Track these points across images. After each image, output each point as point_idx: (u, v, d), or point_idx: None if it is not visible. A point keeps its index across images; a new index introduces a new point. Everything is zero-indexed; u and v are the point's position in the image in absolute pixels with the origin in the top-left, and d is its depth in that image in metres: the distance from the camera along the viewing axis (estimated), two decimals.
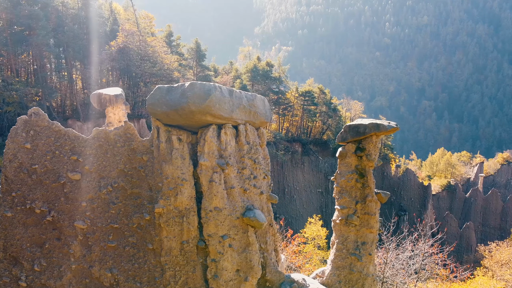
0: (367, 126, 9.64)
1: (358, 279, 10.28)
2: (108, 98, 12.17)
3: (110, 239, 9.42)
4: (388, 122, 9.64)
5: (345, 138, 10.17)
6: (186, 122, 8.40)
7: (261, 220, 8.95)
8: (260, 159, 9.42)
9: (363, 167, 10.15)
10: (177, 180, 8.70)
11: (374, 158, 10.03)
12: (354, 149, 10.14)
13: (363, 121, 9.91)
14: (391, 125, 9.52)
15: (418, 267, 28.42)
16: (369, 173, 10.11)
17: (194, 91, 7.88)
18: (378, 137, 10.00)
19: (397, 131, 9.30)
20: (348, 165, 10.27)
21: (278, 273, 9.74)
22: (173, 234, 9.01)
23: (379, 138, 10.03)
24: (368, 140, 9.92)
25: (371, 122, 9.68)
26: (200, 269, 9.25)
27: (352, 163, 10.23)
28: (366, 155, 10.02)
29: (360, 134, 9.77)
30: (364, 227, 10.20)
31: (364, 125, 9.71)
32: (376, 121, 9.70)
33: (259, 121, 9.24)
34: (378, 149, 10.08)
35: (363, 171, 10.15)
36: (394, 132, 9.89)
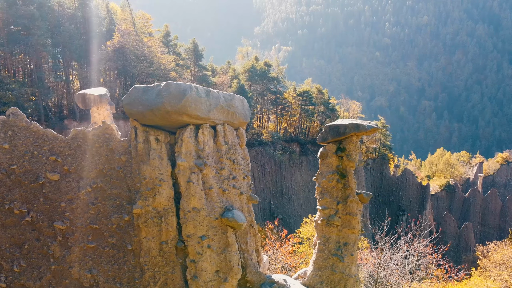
0: (347, 126, 9.61)
1: (340, 280, 10.24)
2: (93, 98, 12.15)
3: (90, 240, 9.39)
4: (369, 122, 9.61)
5: (325, 138, 10.14)
6: (163, 122, 8.37)
7: (240, 220, 8.92)
8: (240, 159, 9.38)
9: (344, 168, 10.11)
10: (155, 181, 8.68)
11: (355, 158, 9.99)
12: (335, 150, 10.10)
13: (343, 121, 9.87)
14: (371, 125, 9.49)
15: (413, 267, 28.40)
16: (350, 174, 10.07)
17: (169, 91, 7.84)
18: (358, 137, 9.96)
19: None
20: (329, 166, 10.23)
21: (258, 274, 9.71)
22: (151, 234, 8.98)
23: (359, 139, 9.99)
24: (348, 140, 9.88)
25: (351, 122, 9.65)
26: (179, 269, 9.22)
27: (333, 164, 10.19)
28: (347, 156, 9.98)
29: (340, 134, 9.74)
30: (345, 227, 10.17)
31: (344, 125, 9.67)
32: (356, 121, 9.66)
33: (238, 121, 9.21)
34: (358, 149, 10.04)
35: (344, 171, 10.11)
36: (374, 132, 9.85)
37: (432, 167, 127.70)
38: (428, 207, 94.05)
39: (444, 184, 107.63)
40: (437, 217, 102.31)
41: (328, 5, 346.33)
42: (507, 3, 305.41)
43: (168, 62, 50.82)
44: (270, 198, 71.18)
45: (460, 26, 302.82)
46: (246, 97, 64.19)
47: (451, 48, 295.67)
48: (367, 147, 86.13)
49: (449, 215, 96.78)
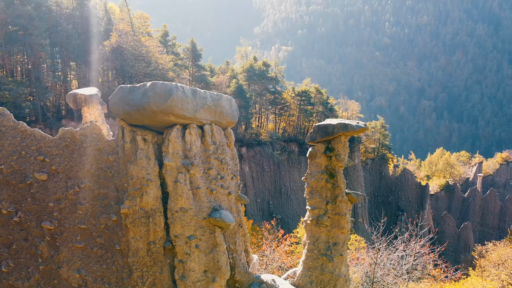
0: (335, 126, 9.58)
1: (330, 280, 10.21)
2: (84, 98, 12.13)
3: (78, 240, 9.37)
4: (357, 122, 9.59)
5: (314, 138, 10.12)
6: (149, 122, 8.36)
7: (227, 220, 8.90)
8: (228, 159, 9.36)
9: (333, 167, 10.09)
10: (142, 181, 8.66)
11: (344, 158, 9.97)
12: (324, 149, 10.08)
13: (331, 121, 9.85)
14: (360, 125, 9.47)
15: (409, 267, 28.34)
16: (339, 173, 10.05)
17: (155, 91, 7.83)
18: (347, 137, 9.93)
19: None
20: (318, 165, 10.21)
21: (247, 274, 9.69)
22: (139, 234, 8.97)
23: (348, 138, 9.97)
24: (337, 140, 9.85)
25: (339, 122, 9.63)
26: (167, 269, 9.20)
27: (322, 163, 10.17)
28: (335, 155, 9.95)
29: (329, 134, 9.71)
30: (335, 227, 10.14)
31: (332, 125, 9.65)
32: (344, 121, 9.64)
33: (226, 121, 9.19)
34: (347, 149, 10.02)
35: (333, 171, 10.08)
36: (363, 132, 9.83)
37: (431, 167, 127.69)
38: (427, 207, 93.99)
39: (444, 184, 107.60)
40: (436, 217, 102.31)
41: (328, 5, 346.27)
42: (507, 3, 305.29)
43: (166, 62, 50.79)
44: (269, 198, 71.17)
45: (460, 26, 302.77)
46: (245, 97, 64.21)
47: (451, 48, 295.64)
48: (366, 147, 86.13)
49: (448, 215, 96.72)
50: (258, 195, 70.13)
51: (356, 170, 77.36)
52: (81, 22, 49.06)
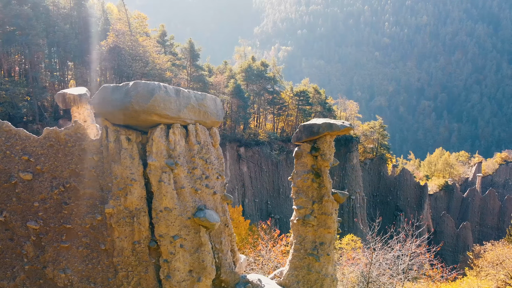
0: (321, 125, 9.58)
1: (317, 280, 10.21)
2: (72, 97, 12.13)
3: (63, 240, 9.36)
4: (342, 122, 9.59)
5: (300, 137, 10.12)
6: (133, 122, 8.35)
7: (212, 220, 8.90)
8: (213, 159, 9.36)
9: (318, 167, 10.09)
10: (126, 180, 8.66)
11: (329, 158, 9.96)
12: (309, 149, 10.08)
13: (317, 120, 9.85)
14: (345, 125, 9.46)
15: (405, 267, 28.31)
16: (325, 173, 10.05)
17: (137, 90, 7.82)
18: (332, 137, 9.93)
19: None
20: (304, 165, 10.21)
21: (233, 274, 9.69)
22: (124, 234, 8.96)
23: (333, 138, 9.97)
24: (322, 140, 9.85)
25: (324, 121, 9.62)
26: (152, 269, 9.20)
27: (307, 163, 10.17)
28: (321, 155, 9.95)
29: (314, 134, 9.71)
30: (321, 227, 10.14)
31: (317, 125, 9.64)
32: (329, 120, 9.64)
33: (211, 120, 9.19)
34: (332, 148, 10.01)
35: (319, 171, 10.08)
36: (348, 132, 9.83)
37: (431, 167, 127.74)
38: (426, 207, 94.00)
39: (443, 184, 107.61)
40: (435, 217, 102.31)
41: (328, 5, 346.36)
42: (507, 3, 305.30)
43: (163, 62, 50.80)
44: (267, 198, 71.20)
45: (460, 26, 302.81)
46: (243, 97, 64.25)
47: (450, 48, 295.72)
48: (365, 147, 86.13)
49: (447, 215, 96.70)
50: (256, 195, 70.18)
51: (354, 170, 77.35)
52: (78, 22, 49.11)
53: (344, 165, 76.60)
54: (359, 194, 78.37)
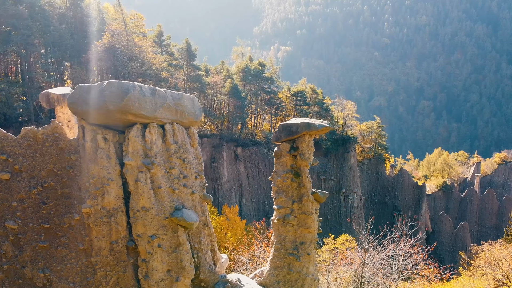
0: (299, 125, 9.57)
1: (298, 279, 10.20)
2: (56, 97, 12.12)
3: (42, 239, 9.36)
4: (321, 121, 9.58)
5: (279, 137, 10.11)
6: (108, 121, 8.34)
7: (189, 220, 8.88)
8: (191, 158, 9.34)
9: (298, 167, 10.08)
10: (103, 180, 8.64)
11: (308, 157, 9.95)
12: (289, 149, 10.07)
13: (296, 120, 9.84)
14: (323, 124, 9.45)
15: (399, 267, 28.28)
16: (304, 173, 10.03)
17: (111, 90, 7.81)
18: (311, 136, 9.91)
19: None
20: (283, 165, 10.20)
21: (212, 273, 9.68)
22: (102, 234, 8.95)
23: (312, 138, 9.95)
24: (300, 139, 9.84)
25: (302, 121, 9.61)
26: (131, 269, 9.18)
27: (287, 163, 10.16)
28: (300, 155, 9.94)
29: (292, 134, 9.70)
30: (301, 227, 10.12)
31: (296, 125, 9.64)
32: (307, 120, 9.63)
33: (188, 120, 9.17)
34: (311, 148, 10.00)
35: (298, 170, 10.07)
36: (326, 131, 9.82)
37: (429, 167, 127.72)
38: (424, 207, 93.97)
39: (441, 184, 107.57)
40: (433, 217, 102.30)
41: (327, 5, 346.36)
42: (506, 3, 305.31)
43: (160, 62, 50.76)
44: (264, 198, 71.12)
45: (459, 26, 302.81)
46: (240, 97, 64.25)
47: (449, 48, 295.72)
48: (363, 147, 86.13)
49: (445, 215, 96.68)
50: (253, 195, 70.13)
51: (352, 170, 77.36)
52: (74, 22, 49.10)
53: (342, 165, 76.62)
54: (357, 194, 78.38)
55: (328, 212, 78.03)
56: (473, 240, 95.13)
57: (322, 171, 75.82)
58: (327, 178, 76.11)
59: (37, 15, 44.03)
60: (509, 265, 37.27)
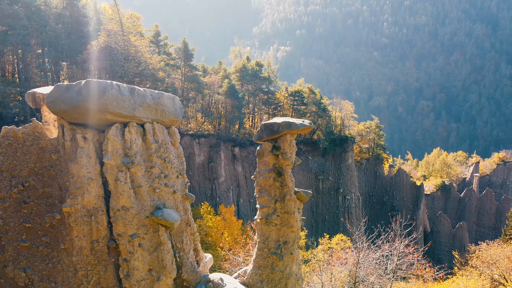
0: (280, 124, 9.57)
1: (281, 279, 10.19)
2: (42, 97, 12.08)
3: (23, 239, 9.34)
4: (303, 120, 9.58)
5: (261, 136, 10.11)
6: (87, 120, 8.33)
7: (170, 219, 8.88)
8: (172, 158, 9.33)
9: (280, 166, 10.07)
10: (83, 179, 8.63)
11: (290, 157, 9.94)
12: (271, 148, 10.07)
13: (277, 119, 9.84)
14: (304, 124, 9.45)
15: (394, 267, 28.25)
16: (286, 172, 10.02)
17: (89, 89, 7.81)
18: (293, 135, 9.91)
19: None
20: (266, 164, 10.19)
21: (194, 273, 9.67)
22: (82, 233, 8.94)
23: (293, 137, 9.95)
24: (282, 138, 9.84)
25: (284, 120, 9.61)
26: (112, 268, 9.18)
27: (269, 162, 10.15)
28: (282, 154, 9.94)
29: (274, 133, 9.70)
30: (284, 226, 10.12)
31: (277, 124, 9.64)
32: (288, 119, 9.63)
33: (169, 119, 9.17)
34: (293, 147, 10.00)
35: (281, 169, 10.06)
36: (308, 131, 9.81)
37: (428, 167, 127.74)
38: (422, 207, 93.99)
39: (440, 184, 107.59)
40: (432, 217, 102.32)
41: (327, 5, 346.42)
42: (505, 3, 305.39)
43: (156, 62, 50.75)
44: None
45: (458, 26, 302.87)
46: (237, 97, 64.26)
47: (449, 48, 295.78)
48: (361, 147, 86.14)
49: (444, 215, 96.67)
50: (251, 195, 70.09)
51: (349, 170, 77.37)
52: (71, 22, 49.08)
53: (340, 165, 76.63)
54: (354, 194, 78.38)
55: (326, 212, 78.06)
56: (471, 240, 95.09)
57: (319, 171, 75.82)
58: (325, 178, 76.12)
59: (33, 15, 44.02)
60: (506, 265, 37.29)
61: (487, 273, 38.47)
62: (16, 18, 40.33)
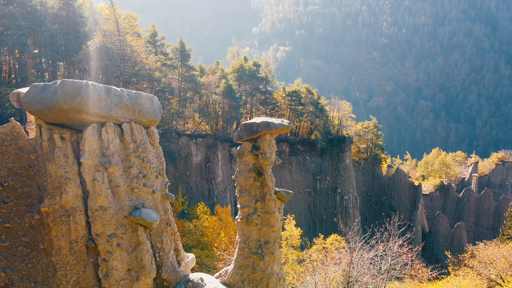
0: (259, 124, 9.58)
1: (262, 279, 10.19)
2: None
3: (3, 239, 9.34)
4: (281, 120, 9.59)
5: (241, 136, 10.11)
6: (64, 120, 8.34)
7: (149, 219, 8.88)
8: (151, 157, 9.34)
9: (260, 166, 10.08)
10: (61, 179, 8.64)
11: (270, 156, 9.94)
12: (251, 148, 10.07)
13: (256, 119, 9.85)
14: (283, 124, 9.46)
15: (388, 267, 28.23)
16: (266, 172, 10.02)
17: (64, 88, 7.81)
18: (272, 135, 9.91)
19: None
20: (246, 164, 10.20)
21: (174, 273, 9.67)
22: (61, 233, 8.95)
23: (273, 137, 9.95)
24: (261, 138, 9.84)
25: (263, 120, 9.61)
26: (91, 268, 9.18)
27: (249, 162, 10.16)
28: (261, 154, 9.94)
29: (253, 133, 9.70)
30: (265, 226, 10.12)
31: (256, 124, 9.64)
32: (267, 119, 9.63)
33: (147, 119, 9.17)
34: (273, 147, 10.00)
35: (261, 169, 10.07)
36: (286, 131, 9.82)
37: (427, 167, 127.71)
38: (420, 207, 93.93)
39: (438, 184, 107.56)
40: (430, 217, 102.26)
41: (326, 5, 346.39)
42: (504, 3, 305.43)
43: (152, 62, 50.73)
44: None
45: (458, 27, 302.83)
46: (234, 97, 64.25)
47: (448, 48, 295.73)
48: (359, 147, 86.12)
49: (442, 215, 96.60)
50: None
51: (347, 170, 77.31)
52: (67, 22, 49.07)
53: (337, 165, 76.59)
54: (352, 194, 78.34)
55: (324, 212, 78.02)
56: (470, 240, 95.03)
57: (317, 171, 75.82)
58: (323, 178, 76.11)
59: (28, 15, 44.00)
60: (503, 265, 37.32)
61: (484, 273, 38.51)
62: (11, 18, 40.30)
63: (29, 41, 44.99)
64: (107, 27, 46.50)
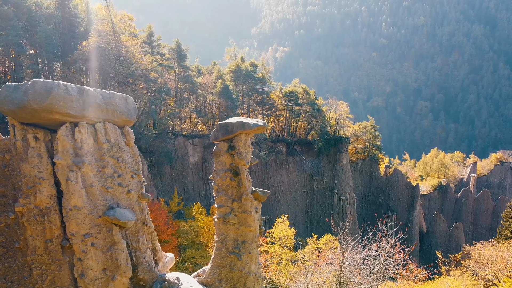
0: (234, 124, 9.62)
1: (240, 278, 10.23)
2: None
3: None
4: (257, 120, 9.62)
5: (217, 136, 10.15)
6: (36, 120, 8.37)
7: (123, 218, 8.91)
8: (126, 157, 9.36)
9: (236, 166, 10.12)
10: (35, 179, 8.68)
11: (245, 156, 9.98)
12: (227, 148, 10.11)
13: (232, 119, 9.89)
14: (258, 124, 9.50)
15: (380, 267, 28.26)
16: (242, 172, 10.06)
17: (35, 89, 7.85)
18: (248, 135, 9.95)
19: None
20: (223, 164, 10.23)
21: (151, 272, 9.71)
22: (36, 233, 8.98)
23: (248, 137, 9.99)
24: (237, 138, 9.88)
25: (238, 120, 9.65)
26: (67, 267, 9.21)
27: (226, 162, 10.19)
28: (237, 154, 9.98)
29: (229, 133, 9.74)
30: (242, 225, 10.16)
31: (232, 124, 9.68)
32: (242, 119, 9.67)
33: (121, 119, 9.20)
34: (248, 147, 10.04)
35: (237, 169, 10.11)
36: (262, 131, 9.86)
37: (426, 168, 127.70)
38: (417, 207, 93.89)
39: (436, 184, 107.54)
40: (429, 217, 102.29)
41: (325, 5, 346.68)
42: (503, 3, 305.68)
43: (148, 63, 50.76)
44: None
45: (457, 27, 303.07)
46: (231, 97, 64.29)
47: (447, 49, 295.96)
48: (356, 147, 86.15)
49: (440, 215, 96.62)
50: None
51: (344, 170, 77.30)
52: (62, 23, 49.10)
53: (334, 165, 76.59)
54: (349, 195, 78.33)
55: (321, 213, 78.01)
56: (468, 240, 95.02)
57: (314, 171, 75.84)
58: (320, 178, 76.12)
59: (24, 15, 44.04)
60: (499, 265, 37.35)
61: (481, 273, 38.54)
62: (6, 18, 40.35)
63: (25, 42, 45.04)
64: (102, 27, 46.54)
